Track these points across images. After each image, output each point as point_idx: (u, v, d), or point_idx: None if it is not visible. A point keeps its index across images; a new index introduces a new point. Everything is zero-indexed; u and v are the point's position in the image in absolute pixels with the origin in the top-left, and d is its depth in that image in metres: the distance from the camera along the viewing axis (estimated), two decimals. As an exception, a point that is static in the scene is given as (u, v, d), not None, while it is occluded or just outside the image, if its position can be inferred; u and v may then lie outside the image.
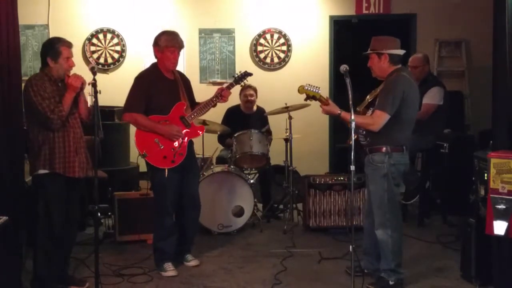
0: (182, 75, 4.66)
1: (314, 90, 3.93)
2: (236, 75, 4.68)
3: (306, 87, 3.92)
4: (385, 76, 4.06)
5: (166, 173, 4.34)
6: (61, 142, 3.83)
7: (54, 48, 3.85)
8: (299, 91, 3.94)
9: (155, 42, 4.41)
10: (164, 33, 4.44)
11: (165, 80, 4.43)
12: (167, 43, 4.35)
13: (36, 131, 3.82)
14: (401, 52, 4.06)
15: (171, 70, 4.47)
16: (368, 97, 4.17)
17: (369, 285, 4.07)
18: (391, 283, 4.03)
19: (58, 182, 3.85)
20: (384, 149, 3.97)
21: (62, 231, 3.89)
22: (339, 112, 3.94)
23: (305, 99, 4.02)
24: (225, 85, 4.60)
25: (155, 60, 4.52)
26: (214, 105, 4.53)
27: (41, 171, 3.83)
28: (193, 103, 4.59)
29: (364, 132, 4.04)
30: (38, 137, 3.82)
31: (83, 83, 3.83)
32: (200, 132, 4.62)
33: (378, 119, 3.91)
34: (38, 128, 3.81)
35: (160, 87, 4.39)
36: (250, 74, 4.70)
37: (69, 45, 3.93)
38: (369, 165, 4.06)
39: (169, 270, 4.44)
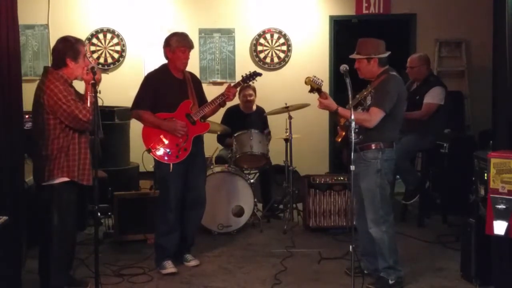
0: (193, 76, 4.75)
1: (319, 83, 4.03)
2: (245, 74, 4.71)
3: (313, 79, 4.01)
4: (374, 77, 4.14)
5: (171, 168, 4.41)
6: (76, 149, 3.77)
7: (73, 47, 3.76)
8: (305, 82, 4.03)
9: (166, 43, 4.53)
10: (175, 34, 4.57)
11: (173, 79, 4.54)
12: (178, 44, 4.48)
13: (57, 136, 3.72)
14: (387, 54, 4.13)
15: (182, 69, 4.58)
16: (357, 96, 4.20)
17: (368, 285, 4.07)
18: (390, 282, 4.04)
19: (73, 190, 3.82)
20: (377, 145, 4.03)
21: (74, 238, 3.90)
22: (336, 107, 4.02)
23: (309, 91, 4.09)
24: (232, 84, 4.68)
25: (154, 60, 4.60)
26: (222, 104, 4.63)
27: (59, 180, 3.76)
28: (203, 103, 4.65)
29: (357, 129, 4.07)
30: (58, 144, 3.73)
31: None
32: (205, 129, 4.68)
33: (375, 116, 3.97)
34: (60, 133, 3.72)
35: (168, 86, 4.50)
36: (260, 74, 4.80)
37: (84, 43, 3.91)
38: (361, 163, 4.06)
39: (169, 267, 4.47)
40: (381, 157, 4.02)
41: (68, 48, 3.78)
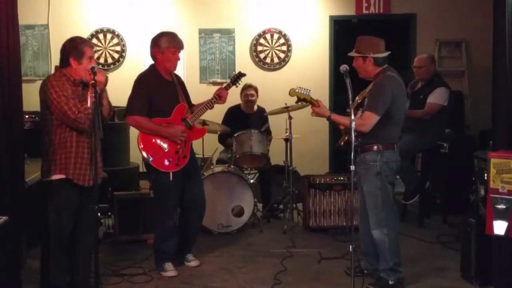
0: (177, 77, 4.61)
1: (305, 92, 4.00)
2: (232, 77, 4.69)
3: (297, 90, 3.98)
4: (371, 76, 4.11)
5: (171, 177, 4.30)
6: (74, 147, 3.73)
7: (77, 48, 3.73)
8: (290, 94, 4.01)
9: (154, 43, 4.35)
10: (164, 34, 4.39)
11: (164, 82, 4.40)
12: (169, 44, 4.31)
13: (53, 133, 3.71)
14: (385, 54, 4.08)
15: (170, 71, 4.44)
16: (357, 98, 4.19)
17: (368, 285, 4.07)
18: (390, 282, 4.04)
19: (71, 188, 3.75)
20: (375, 147, 4.01)
21: (70, 238, 3.81)
22: (329, 114, 4.02)
23: (296, 102, 4.09)
24: (223, 86, 4.60)
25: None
26: (211, 107, 4.52)
27: (56, 177, 3.72)
28: (189, 105, 4.58)
29: (356, 132, 4.05)
30: (54, 139, 3.71)
31: (106, 78, 3.72)
32: (202, 134, 4.63)
33: (368, 120, 3.94)
34: (56, 130, 3.70)
35: (161, 89, 4.35)
36: (244, 75, 4.72)
37: (91, 45, 3.84)
38: (361, 165, 4.07)
39: (169, 270, 4.44)
40: (380, 159, 4.00)
41: (72, 48, 3.75)
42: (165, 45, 4.31)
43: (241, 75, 4.68)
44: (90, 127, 3.73)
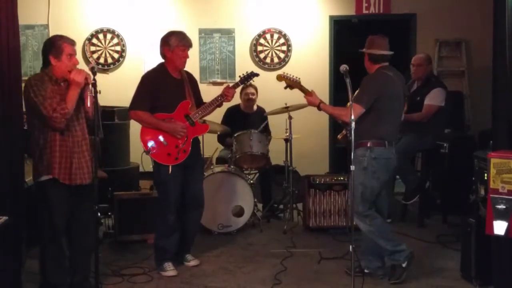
0: (189, 75, 4.70)
1: (293, 79, 4.14)
2: (242, 75, 4.70)
3: (284, 75, 4.14)
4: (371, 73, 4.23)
5: (170, 170, 4.38)
6: (57, 146, 3.70)
7: (55, 45, 3.72)
8: (277, 78, 4.17)
9: (165, 42, 4.46)
10: (174, 33, 4.50)
11: (171, 79, 4.49)
12: (178, 42, 4.42)
13: (37, 134, 3.70)
14: (380, 52, 4.15)
15: (180, 69, 4.53)
16: (351, 95, 4.24)
17: (390, 281, 4.14)
18: (403, 265, 4.12)
19: (59, 188, 3.72)
20: (367, 143, 4.08)
21: (68, 237, 3.81)
22: (318, 103, 4.17)
23: (285, 87, 4.24)
24: (230, 85, 4.64)
25: (154, 60, 4.58)
26: (220, 105, 4.59)
27: (44, 178, 3.71)
28: (200, 103, 4.63)
29: (348, 127, 4.10)
30: (39, 140, 3.70)
31: (87, 78, 3.66)
32: (204, 131, 4.68)
33: (353, 110, 3.95)
34: (39, 130, 3.69)
35: (166, 86, 4.45)
36: (257, 75, 4.78)
37: (71, 42, 3.81)
38: (354, 160, 4.10)
39: (169, 269, 4.45)
40: (368, 155, 4.06)
41: (50, 45, 3.73)
42: (175, 43, 4.42)
43: (253, 74, 4.72)
44: (65, 126, 3.68)
